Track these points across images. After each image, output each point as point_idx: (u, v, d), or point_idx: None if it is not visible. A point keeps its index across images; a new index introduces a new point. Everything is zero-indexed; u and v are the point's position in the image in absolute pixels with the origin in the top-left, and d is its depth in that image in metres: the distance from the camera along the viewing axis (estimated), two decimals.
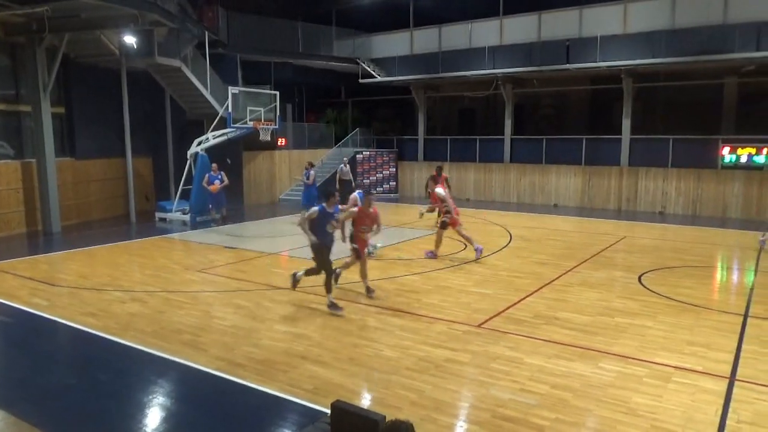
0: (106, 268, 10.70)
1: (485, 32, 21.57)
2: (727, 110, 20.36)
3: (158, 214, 16.81)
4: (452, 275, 10.11)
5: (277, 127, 17.81)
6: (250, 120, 16.63)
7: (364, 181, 24.06)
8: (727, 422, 4.89)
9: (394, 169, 24.52)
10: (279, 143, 21.97)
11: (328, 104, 26.48)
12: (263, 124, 16.95)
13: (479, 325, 7.37)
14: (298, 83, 24.82)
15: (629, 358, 6.31)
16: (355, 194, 10.21)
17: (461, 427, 4.92)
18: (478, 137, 23.58)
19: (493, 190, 22.39)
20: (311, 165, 16.87)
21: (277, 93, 17.65)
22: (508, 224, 15.92)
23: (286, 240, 13.54)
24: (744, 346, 6.68)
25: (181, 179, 16.86)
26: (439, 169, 14.83)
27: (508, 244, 13.16)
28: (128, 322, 7.56)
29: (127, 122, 16.41)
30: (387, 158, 24.52)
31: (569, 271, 10.43)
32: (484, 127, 25.30)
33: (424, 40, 23.17)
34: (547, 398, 5.33)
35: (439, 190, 12.19)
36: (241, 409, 5.29)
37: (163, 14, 14.06)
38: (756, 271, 10.82)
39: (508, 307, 8.13)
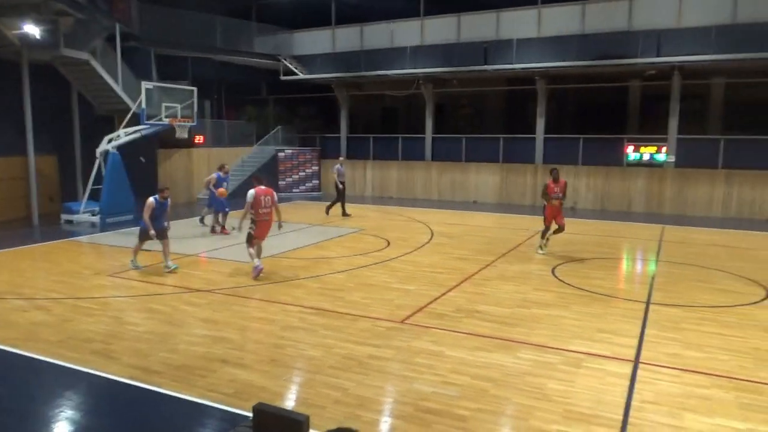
0: (5, 274, 9.92)
1: (406, 32, 21.86)
2: (632, 111, 21.80)
3: (64, 216, 15.76)
4: (375, 272, 10.17)
5: (194, 124, 17.18)
6: (165, 117, 15.93)
7: (286, 179, 23.76)
8: (632, 402, 5.22)
9: (317, 168, 24.36)
10: (196, 141, 21.25)
11: (248, 101, 25.88)
12: (180, 121, 16.30)
13: (402, 321, 7.45)
14: (217, 79, 24.08)
15: (544, 346, 6.60)
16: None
17: (385, 422, 4.95)
18: (400, 136, 23.88)
19: (415, 188, 22.75)
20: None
21: (195, 89, 17.03)
22: (430, 221, 16.22)
23: (204, 241, 13.12)
24: (647, 331, 7.15)
25: (89, 179, 15.91)
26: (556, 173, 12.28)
27: (429, 240, 13.40)
28: (31, 332, 7.04)
29: (28, 118, 15.26)
30: (309, 156, 24.32)
31: (488, 265, 10.77)
32: (406, 125, 25.64)
33: (346, 38, 23.17)
34: (469, 389, 5.47)
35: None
36: (158, 418, 5.06)
37: (69, 3, 13.22)
38: (657, 261, 11.63)
39: (431, 302, 8.28)
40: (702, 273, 10.45)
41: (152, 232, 9.68)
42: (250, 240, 9.60)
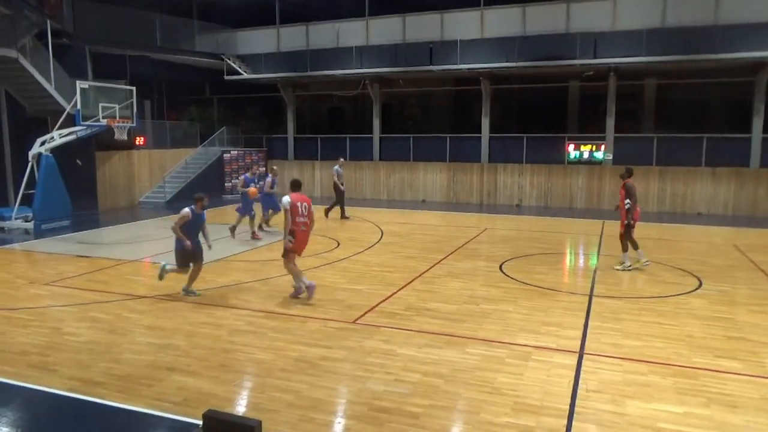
0: None
1: (352, 32, 21.86)
2: (572, 111, 22.57)
3: None
4: (325, 273, 10.12)
5: (134, 125, 16.59)
6: (102, 117, 15.31)
7: (233, 181, 23.30)
8: (578, 392, 5.41)
9: (264, 169, 23.95)
10: (136, 142, 20.56)
11: (192, 101, 25.24)
12: (118, 122, 15.71)
13: (353, 321, 7.45)
14: (158, 79, 23.34)
15: (493, 341, 6.74)
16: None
17: (339, 423, 4.94)
18: (347, 136, 23.85)
19: (364, 188, 22.78)
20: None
21: (134, 89, 16.45)
22: (380, 221, 16.29)
23: (148, 245, 12.71)
24: (590, 323, 7.42)
25: (21, 183, 15.12)
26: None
27: (379, 240, 13.45)
28: None
29: None
30: (256, 158, 23.92)
31: (437, 263, 10.91)
32: (354, 125, 25.64)
33: (291, 37, 22.95)
34: (420, 386, 5.53)
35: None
36: (103, 431, 4.87)
37: None
38: (598, 255, 12.08)
39: (381, 302, 8.31)
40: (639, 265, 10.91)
41: (187, 243, 8.28)
42: (288, 254, 8.24)
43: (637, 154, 19.35)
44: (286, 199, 8.11)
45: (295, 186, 8.42)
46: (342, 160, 17.91)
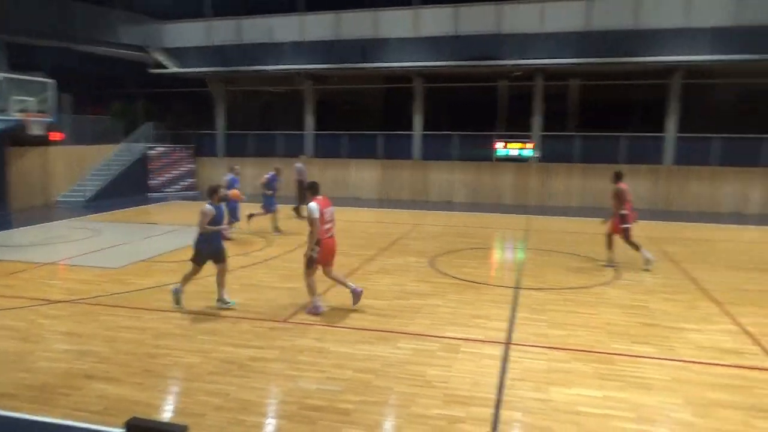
0: None
1: (285, 28, 21.54)
2: (501, 110, 23.22)
3: None
4: (256, 272, 9.94)
5: (52, 119, 15.67)
6: (16, 111, 14.35)
7: (159, 178, 22.47)
8: (505, 381, 5.58)
9: (192, 166, 23.28)
10: (54, 138, 19.40)
11: (114, 95, 24.10)
12: (34, 116, 14.78)
13: (285, 320, 7.35)
14: (78, 71, 22.12)
15: (423, 335, 6.84)
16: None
17: (269, 424, 4.86)
18: (280, 132, 23.51)
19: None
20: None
21: (52, 81, 15.51)
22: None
23: (64, 247, 12.03)
24: (517, 314, 7.67)
25: None
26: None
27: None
28: None
29: None
30: (184, 154, 23.18)
31: (370, 260, 10.94)
32: (287, 122, 25.28)
33: (222, 31, 22.32)
34: (352, 382, 5.53)
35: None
36: None
37: None
38: (524, 249, 12.50)
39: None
40: (563, 258, 11.40)
41: (225, 227, 7.92)
42: (312, 265, 7.56)
43: (562, 151, 20.17)
44: (313, 206, 7.39)
45: (315, 189, 7.71)
46: (304, 156, 17.58)
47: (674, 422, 4.87)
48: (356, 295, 7.75)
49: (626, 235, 10.47)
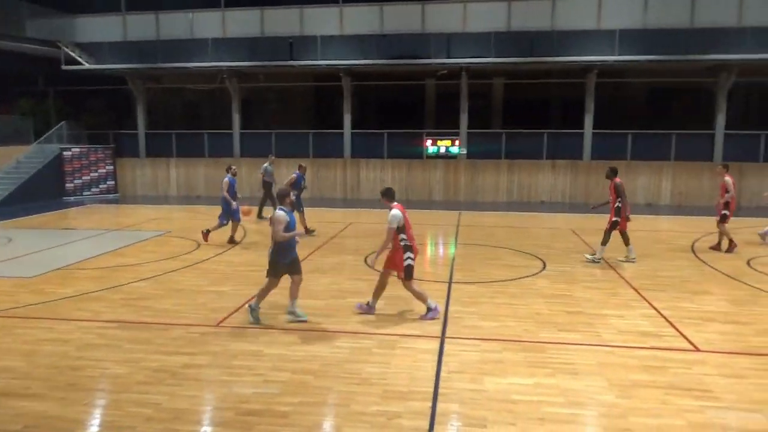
0: None
1: (207, 23, 20.92)
2: (429, 108, 23.61)
3: None
4: (186, 276, 9.61)
5: None
6: None
7: (75, 181, 21.27)
8: (441, 374, 5.69)
9: (112, 167, 22.18)
10: None
11: (22, 93, 22.55)
12: None
13: (218, 325, 7.16)
14: None
15: (360, 333, 6.86)
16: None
17: (205, 431, 4.73)
18: (206, 131, 22.83)
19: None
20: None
21: None
22: (243, 219, 15.77)
23: None
24: (450, 308, 7.84)
25: None
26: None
27: (243, 238, 13.06)
28: None
29: None
30: (102, 155, 22.04)
31: (304, 259, 10.80)
32: (212, 121, 24.58)
33: (140, 26, 21.37)
34: (289, 384, 5.46)
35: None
36: None
37: None
38: (456, 244, 12.78)
39: (248, 302, 8.06)
40: (492, 252, 11.76)
41: (299, 232, 7.38)
42: (411, 274, 7.33)
43: (488, 148, 20.76)
44: (396, 213, 7.13)
45: (392, 195, 7.40)
46: (272, 157, 16.98)
47: (599, 404, 5.14)
48: (434, 312, 7.41)
49: (615, 227, 10.76)
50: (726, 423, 4.81)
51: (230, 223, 12.36)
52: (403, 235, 7.20)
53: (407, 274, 7.29)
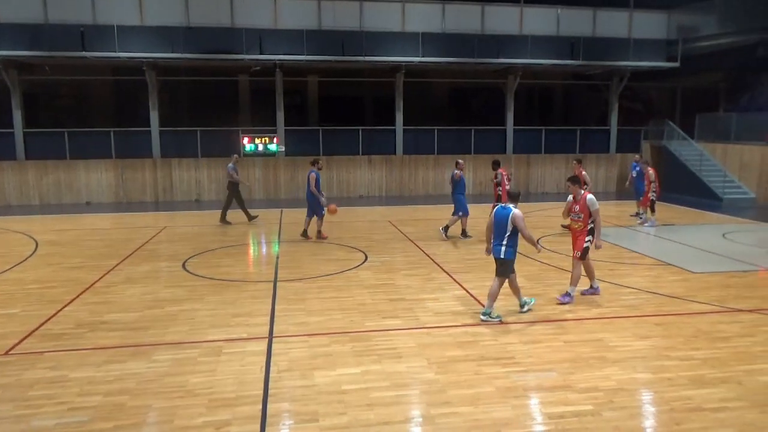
0: None
1: None
2: (243, 104, 22.96)
3: None
4: None
5: None
6: None
7: None
8: (271, 375, 5.59)
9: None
10: None
11: None
12: None
13: (7, 353, 6.19)
14: None
15: (182, 343, 6.45)
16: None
17: None
18: None
19: (8, 193, 19.04)
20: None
21: None
22: (32, 230, 13.88)
23: None
24: (277, 307, 7.74)
25: None
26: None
27: (33, 252, 11.46)
28: None
29: None
30: None
31: (111, 270, 9.87)
32: None
33: None
34: (102, 409, 4.93)
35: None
36: None
37: None
38: (279, 242, 12.65)
39: (43, 323, 7.11)
40: (317, 247, 11.86)
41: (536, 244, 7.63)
42: (586, 255, 8.06)
43: (305, 145, 20.86)
44: (593, 198, 7.86)
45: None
46: (236, 156, 15.29)
47: (421, 382, 5.48)
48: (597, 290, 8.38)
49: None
50: (526, 383, 5.45)
51: (312, 217, 12.52)
52: (590, 220, 7.93)
53: (583, 255, 8.02)
